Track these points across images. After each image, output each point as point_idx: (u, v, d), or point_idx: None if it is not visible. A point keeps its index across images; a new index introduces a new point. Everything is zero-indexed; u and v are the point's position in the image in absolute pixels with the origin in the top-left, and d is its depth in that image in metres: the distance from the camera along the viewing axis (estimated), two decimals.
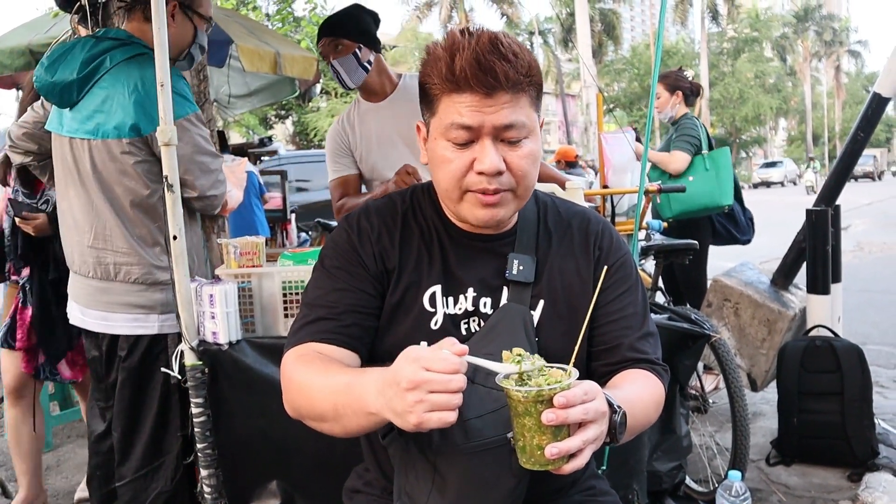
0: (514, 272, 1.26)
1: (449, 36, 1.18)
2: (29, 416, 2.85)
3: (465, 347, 0.99)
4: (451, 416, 0.95)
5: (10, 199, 2.78)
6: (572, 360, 1.04)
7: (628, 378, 1.25)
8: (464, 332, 1.27)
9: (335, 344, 1.22)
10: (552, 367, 1.02)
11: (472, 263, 1.28)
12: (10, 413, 2.87)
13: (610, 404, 1.04)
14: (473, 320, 1.28)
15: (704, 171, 3.85)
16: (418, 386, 0.94)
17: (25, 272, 2.83)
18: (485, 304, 1.27)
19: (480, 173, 1.16)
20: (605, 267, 1.25)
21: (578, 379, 1.02)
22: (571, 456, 0.97)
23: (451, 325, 1.27)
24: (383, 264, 1.27)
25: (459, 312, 1.28)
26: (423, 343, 1.24)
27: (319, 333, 1.22)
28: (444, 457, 1.17)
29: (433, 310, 1.27)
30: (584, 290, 1.28)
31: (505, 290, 1.27)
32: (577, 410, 0.95)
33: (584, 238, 1.33)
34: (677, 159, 3.87)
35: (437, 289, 1.27)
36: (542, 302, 1.26)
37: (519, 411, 0.97)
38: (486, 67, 1.12)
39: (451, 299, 1.27)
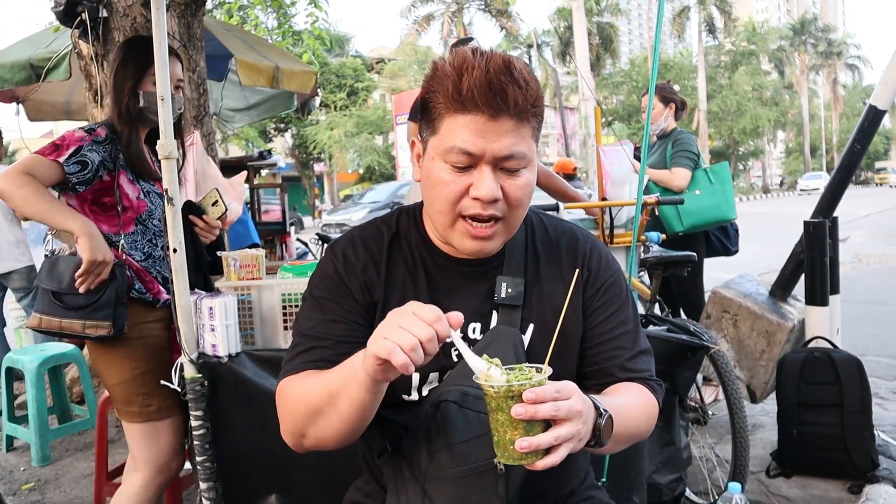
0: (503, 294, 1.26)
1: (458, 54, 1.13)
2: None
3: (460, 317, 1.02)
4: (400, 358, 0.95)
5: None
6: (547, 358, 1.05)
7: (619, 388, 1.26)
8: (455, 359, 1.26)
9: None
10: (531, 366, 1.03)
11: (459, 290, 1.27)
12: None
13: (596, 408, 1.05)
14: None
15: (710, 185, 3.87)
16: (393, 321, 0.99)
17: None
18: (474, 329, 1.27)
19: (476, 199, 1.15)
20: (577, 270, 1.25)
21: None
22: (548, 453, 0.97)
23: (441, 353, 1.24)
24: (370, 295, 1.26)
25: (448, 340, 1.27)
26: (415, 375, 1.25)
27: (314, 362, 1.22)
28: (433, 481, 1.17)
29: None
30: (574, 314, 1.28)
31: (494, 314, 1.27)
32: (548, 407, 0.95)
33: (571, 259, 1.32)
34: (679, 176, 3.90)
35: None
36: (532, 326, 1.25)
37: (492, 406, 0.99)
38: (496, 88, 1.09)
39: None
